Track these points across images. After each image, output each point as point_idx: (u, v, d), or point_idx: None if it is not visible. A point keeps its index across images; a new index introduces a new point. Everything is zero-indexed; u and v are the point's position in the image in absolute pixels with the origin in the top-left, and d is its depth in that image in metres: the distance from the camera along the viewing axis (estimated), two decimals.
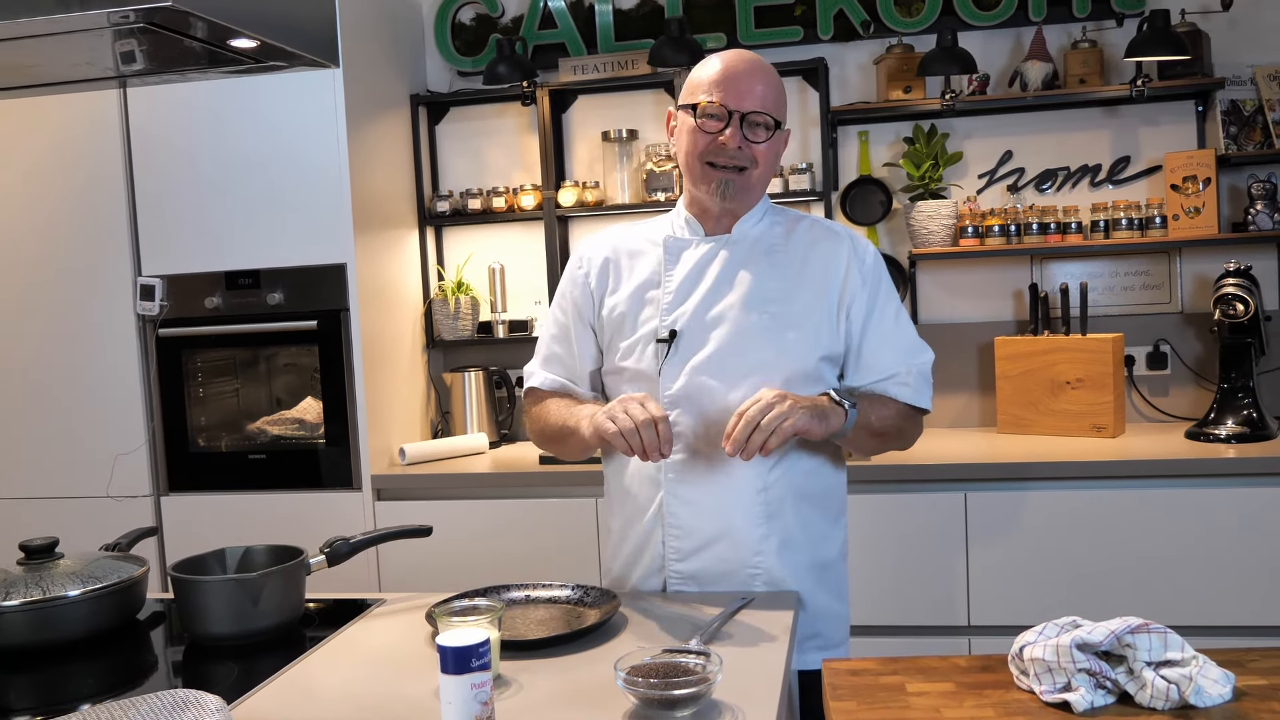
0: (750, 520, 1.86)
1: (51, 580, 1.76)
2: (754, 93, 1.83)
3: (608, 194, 3.60)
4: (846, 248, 1.91)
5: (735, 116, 1.82)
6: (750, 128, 1.83)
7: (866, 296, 1.90)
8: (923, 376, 1.93)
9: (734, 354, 1.84)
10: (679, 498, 1.88)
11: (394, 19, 3.57)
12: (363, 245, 3.23)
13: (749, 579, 1.86)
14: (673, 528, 1.88)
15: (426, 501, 3.19)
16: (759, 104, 1.83)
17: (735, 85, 1.83)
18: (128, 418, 3.33)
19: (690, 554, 1.88)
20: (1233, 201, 3.38)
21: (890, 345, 1.92)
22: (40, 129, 3.32)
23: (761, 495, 1.85)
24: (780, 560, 1.86)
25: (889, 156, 3.56)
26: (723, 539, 1.86)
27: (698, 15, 3.57)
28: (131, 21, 1.53)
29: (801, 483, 1.89)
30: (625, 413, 1.71)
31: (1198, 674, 1.30)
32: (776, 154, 1.90)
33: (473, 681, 1.28)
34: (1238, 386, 3.10)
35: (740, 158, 1.84)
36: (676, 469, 1.87)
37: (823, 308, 1.88)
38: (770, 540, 1.86)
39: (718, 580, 1.87)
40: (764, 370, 1.83)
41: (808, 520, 1.90)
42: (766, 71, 1.86)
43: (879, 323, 1.91)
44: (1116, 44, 3.34)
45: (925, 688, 1.43)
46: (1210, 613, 2.82)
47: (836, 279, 1.89)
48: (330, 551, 1.88)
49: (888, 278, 1.95)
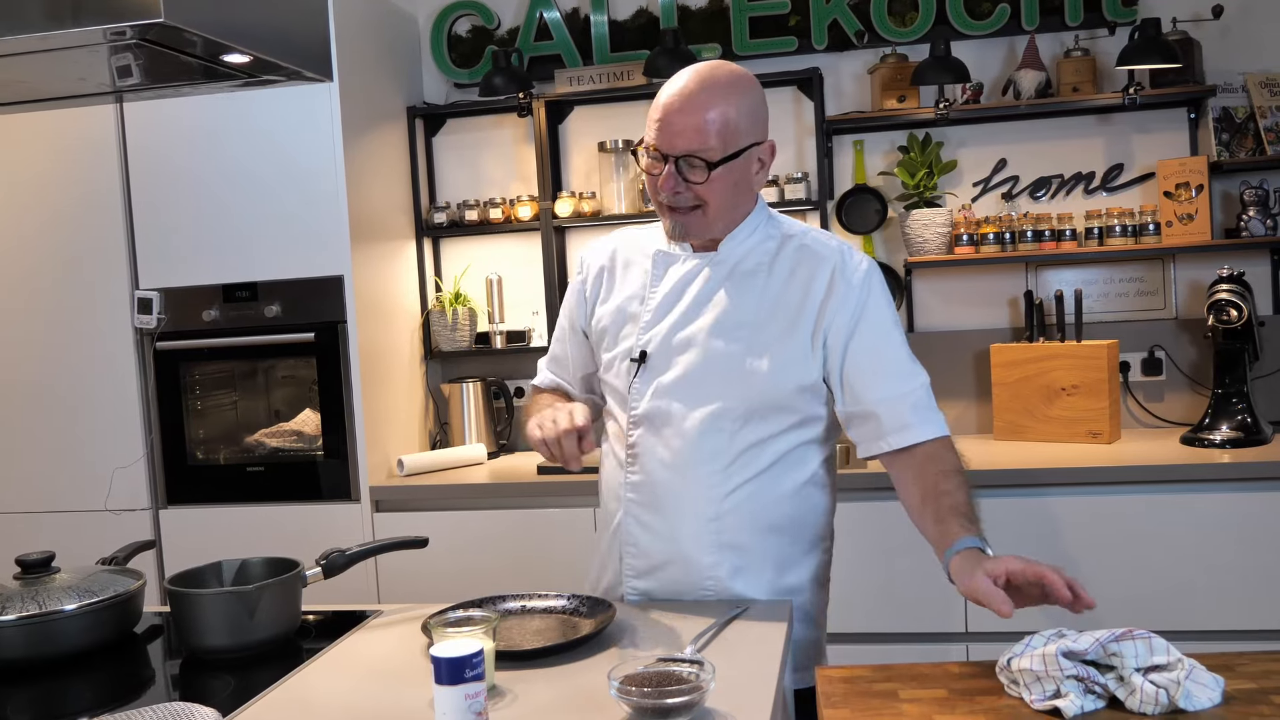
0: (700, 548, 1.82)
1: (48, 595, 1.77)
2: (687, 132, 1.73)
3: (604, 204, 3.61)
4: (830, 269, 1.82)
5: (670, 161, 1.75)
6: (687, 168, 1.75)
7: (848, 318, 1.80)
8: (920, 405, 1.79)
9: (698, 379, 1.81)
10: (635, 518, 1.87)
11: (389, 31, 3.58)
12: (360, 257, 3.24)
13: (702, 597, 1.84)
14: (629, 545, 1.88)
15: (425, 512, 3.19)
16: (691, 144, 1.73)
17: (668, 126, 1.74)
18: (126, 431, 3.34)
19: (644, 573, 1.87)
20: (1225, 208, 3.39)
21: (873, 371, 1.80)
22: (37, 143, 3.33)
23: (713, 524, 1.82)
24: (734, 584, 1.83)
25: (884, 165, 3.57)
26: (674, 563, 1.84)
27: (692, 26, 3.58)
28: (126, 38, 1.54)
29: (764, 514, 1.83)
30: (552, 421, 1.73)
31: (1186, 678, 1.31)
32: (734, 181, 1.78)
33: (466, 692, 1.29)
34: (1232, 392, 3.11)
35: (680, 201, 1.78)
36: (635, 489, 1.86)
37: (798, 335, 1.80)
38: (722, 567, 1.82)
39: (673, 599, 1.86)
40: (727, 398, 1.79)
41: (770, 548, 1.84)
42: (710, 100, 1.74)
43: (861, 346, 1.80)
44: (1109, 52, 3.36)
45: (918, 694, 1.43)
46: (1205, 617, 2.83)
47: (814, 304, 1.80)
48: (327, 564, 1.88)
49: (879, 296, 1.83)
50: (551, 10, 3.65)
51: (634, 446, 1.86)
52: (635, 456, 1.86)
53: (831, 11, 3.48)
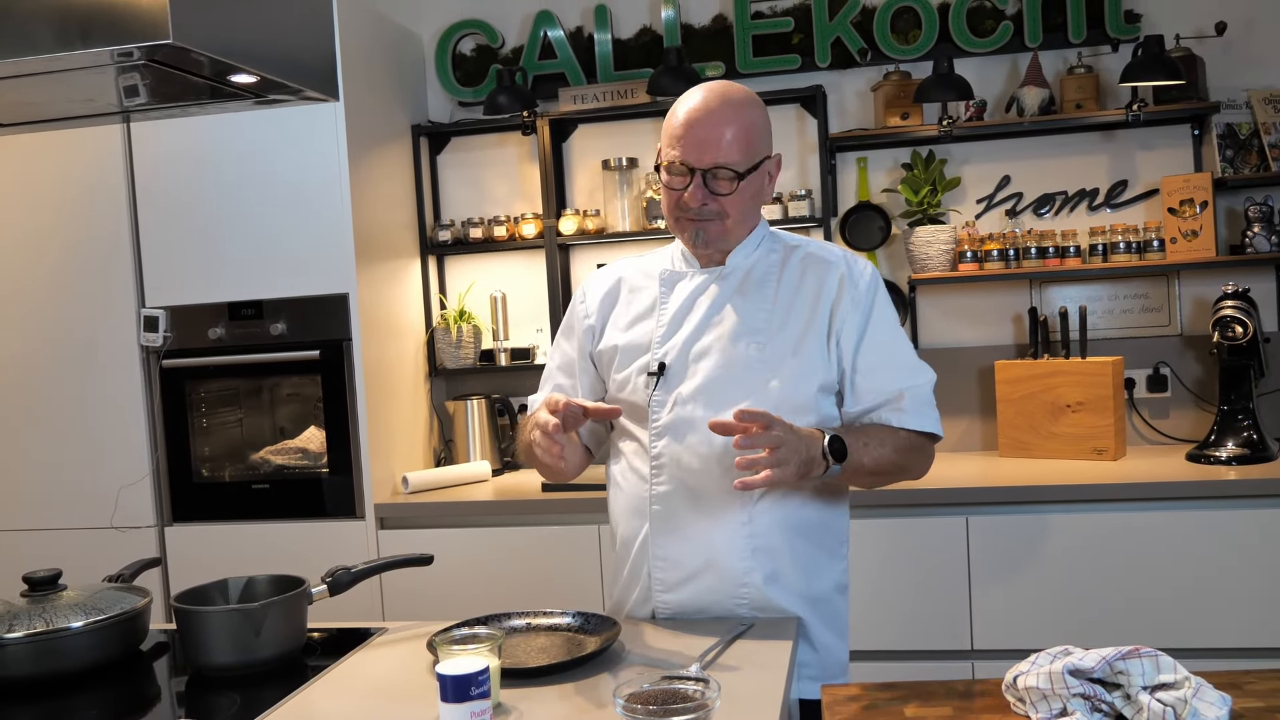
0: (735, 553, 1.84)
1: (55, 612, 1.77)
2: (715, 145, 1.80)
3: (608, 222, 3.62)
4: (839, 273, 1.88)
5: (697, 174, 1.82)
6: (714, 180, 1.82)
7: (858, 319, 1.86)
8: (921, 399, 1.87)
9: (720, 386, 1.84)
10: (664, 530, 1.88)
11: (394, 51, 3.60)
12: (365, 275, 3.25)
13: (735, 607, 1.85)
14: (658, 559, 1.88)
15: (430, 530, 3.19)
16: (719, 157, 1.80)
17: (695, 139, 1.81)
18: (132, 448, 3.34)
19: (676, 585, 1.87)
20: (1230, 224, 3.39)
21: (883, 368, 1.86)
22: (45, 162, 3.34)
23: (746, 528, 1.84)
24: (768, 592, 1.84)
25: (887, 182, 3.58)
26: (708, 571, 1.85)
27: (696, 44, 3.60)
28: (134, 59, 1.56)
29: (793, 515, 1.86)
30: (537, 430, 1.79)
31: (1194, 697, 1.30)
32: (753, 194, 1.87)
33: (472, 710, 1.29)
34: (1238, 408, 3.11)
35: (705, 213, 1.84)
36: (662, 500, 1.87)
37: (813, 337, 1.85)
38: (756, 574, 1.84)
39: (704, 611, 1.86)
40: (749, 401, 1.80)
41: (800, 553, 1.87)
42: (732, 114, 1.82)
43: (870, 345, 1.87)
44: (1112, 69, 3.37)
45: (923, 712, 1.43)
46: (1211, 635, 2.82)
47: (826, 306, 1.86)
48: (332, 581, 1.89)
49: (884, 299, 1.91)
50: (555, 29, 3.67)
51: (659, 458, 1.87)
52: (661, 468, 1.87)
53: (835, 29, 3.49)
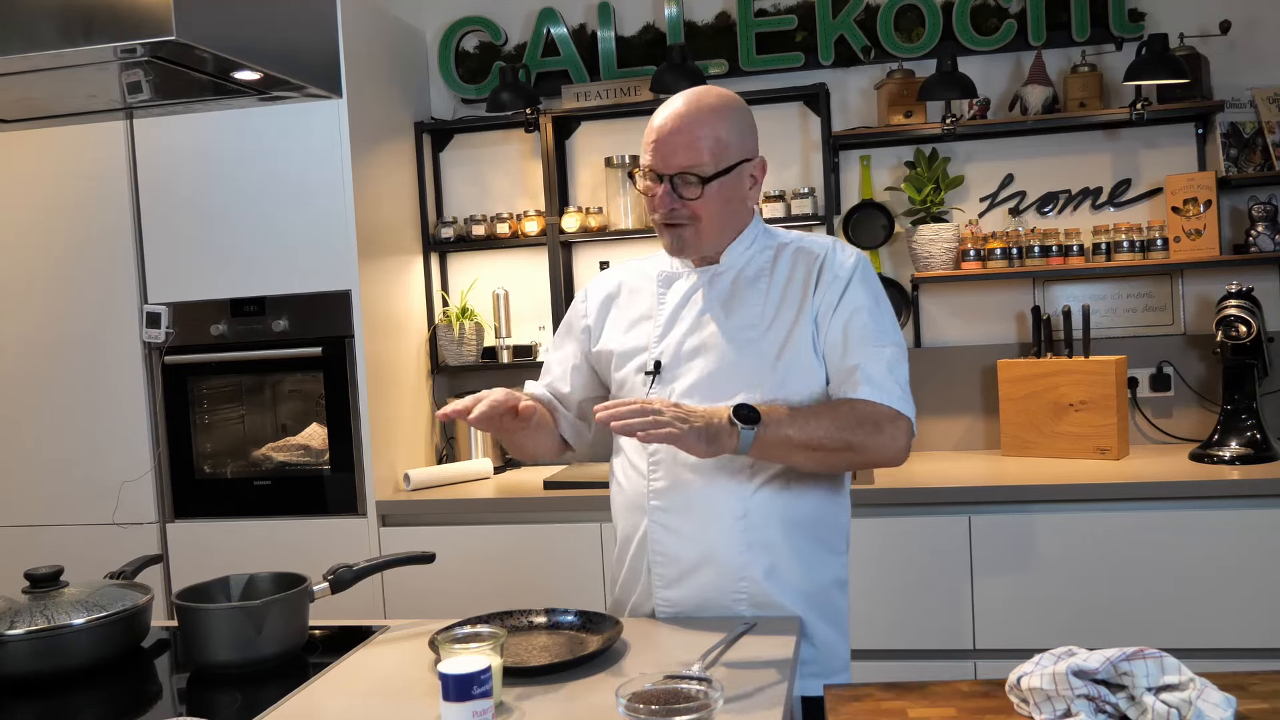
0: (732, 548, 1.84)
1: (57, 609, 1.77)
2: (680, 150, 1.82)
3: (611, 219, 3.62)
4: (821, 259, 1.89)
5: (666, 180, 1.84)
6: (681, 185, 1.83)
7: (831, 300, 1.85)
8: (877, 371, 1.80)
9: (716, 382, 1.85)
10: (662, 525, 1.88)
11: (398, 47, 3.60)
12: (367, 272, 3.25)
13: (734, 603, 1.85)
14: (657, 555, 1.89)
15: (431, 527, 3.19)
16: (684, 162, 1.82)
17: (663, 146, 1.84)
18: (133, 445, 3.34)
19: (675, 581, 1.88)
20: (1234, 223, 3.39)
21: (843, 344, 1.83)
22: (48, 159, 3.34)
23: (742, 521, 1.84)
24: (768, 586, 1.85)
25: (891, 180, 3.58)
26: (706, 566, 1.86)
27: (699, 42, 3.59)
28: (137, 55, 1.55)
29: (789, 510, 1.86)
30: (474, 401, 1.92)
31: (1198, 698, 1.30)
32: (728, 197, 1.86)
33: (474, 709, 1.29)
34: (1241, 408, 3.10)
35: (676, 217, 1.85)
36: (660, 495, 1.88)
37: (802, 328, 1.85)
38: (753, 568, 1.84)
39: (705, 607, 1.86)
40: (744, 396, 1.81)
41: (798, 547, 1.87)
42: (700, 119, 1.83)
43: (837, 324, 1.84)
44: (1116, 68, 3.36)
45: (927, 712, 1.43)
46: (1215, 635, 2.81)
47: (810, 294, 1.86)
48: (334, 579, 1.88)
49: (863, 282, 1.87)
50: (559, 26, 3.66)
51: (656, 454, 1.88)
52: (658, 464, 1.88)
53: (838, 27, 3.49)
